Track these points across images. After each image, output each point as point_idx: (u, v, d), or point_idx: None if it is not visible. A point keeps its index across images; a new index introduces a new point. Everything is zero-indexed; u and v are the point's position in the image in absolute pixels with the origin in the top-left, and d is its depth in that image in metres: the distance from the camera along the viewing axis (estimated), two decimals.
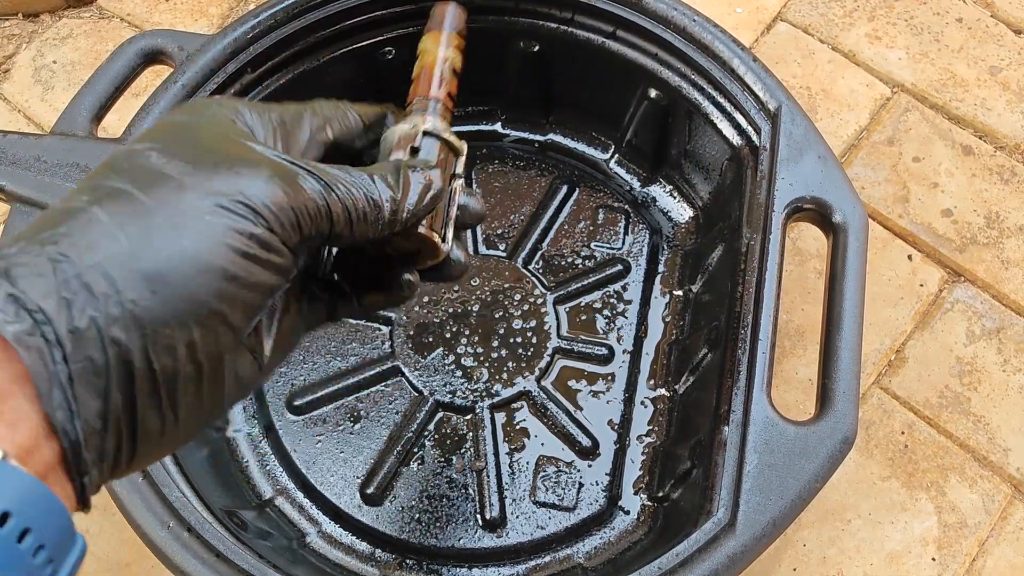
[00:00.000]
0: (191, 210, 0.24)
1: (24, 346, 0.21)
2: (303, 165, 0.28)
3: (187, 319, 0.24)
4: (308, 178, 0.27)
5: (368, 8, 0.60)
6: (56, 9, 0.85)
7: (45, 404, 0.21)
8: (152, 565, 0.59)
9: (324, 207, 0.27)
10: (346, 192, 0.28)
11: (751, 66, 0.54)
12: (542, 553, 0.55)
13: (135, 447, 0.24)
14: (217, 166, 0.26)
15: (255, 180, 0.26)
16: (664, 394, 0.59)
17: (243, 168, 0.26)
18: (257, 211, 0.25)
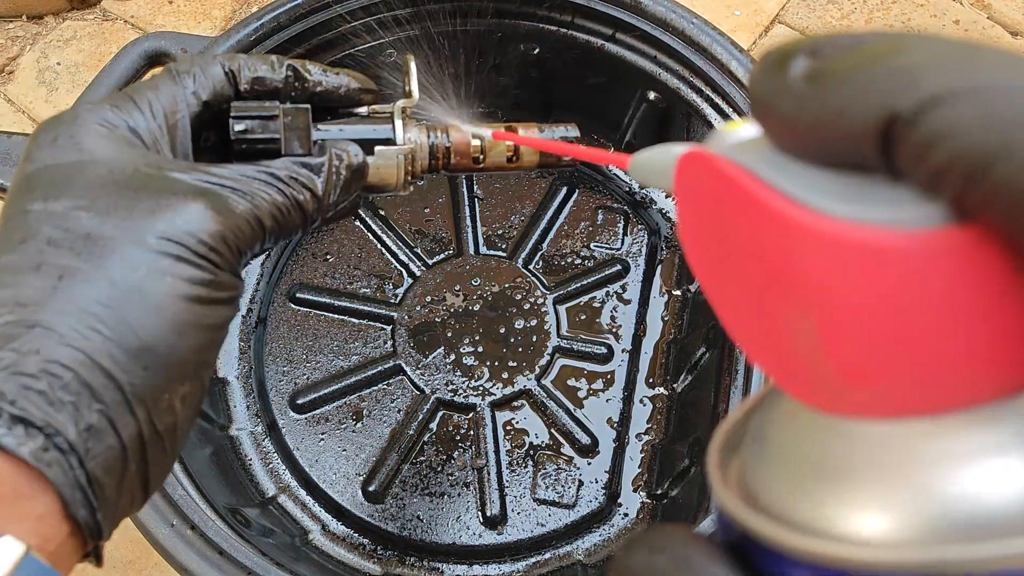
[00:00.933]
0: (148, 273, 0.24)
1: (43, 462, 0.22)
2: (225, 183, 0.27)
3: (179, 379, 0.25)
4: (233, 196, 0.27)
5: (370, 11, 0.60)
6: (60, 11, 0.85)
7: (70, 509, 0.22)
8: (156, 563, 0.59)
9: (256, 222, 0.27)
10: (270, 200, 0.28)
11: (749, 68, 0.55)
12: (542, 550, 0.55)
13: (146, 493, 0.25)
14: (153, 213, 0.25)
15: (194, 222, 0.25)
16: (663, 393, 0.59)
17: (177, 210, 0.25)
18: (206, 256, 0.25)
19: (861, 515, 0.14)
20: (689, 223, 0.16)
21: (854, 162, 0.13)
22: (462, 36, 0.64)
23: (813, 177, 0.14)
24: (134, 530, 0.44)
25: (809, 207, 0.13)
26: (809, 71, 0.14)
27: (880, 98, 0.13)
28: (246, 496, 0.55)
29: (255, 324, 0.62)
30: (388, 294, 0.63)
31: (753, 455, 0.16)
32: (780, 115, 0.14)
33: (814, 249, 0.13)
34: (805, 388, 0.15)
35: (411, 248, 0.65)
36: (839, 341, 0.14)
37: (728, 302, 0.16)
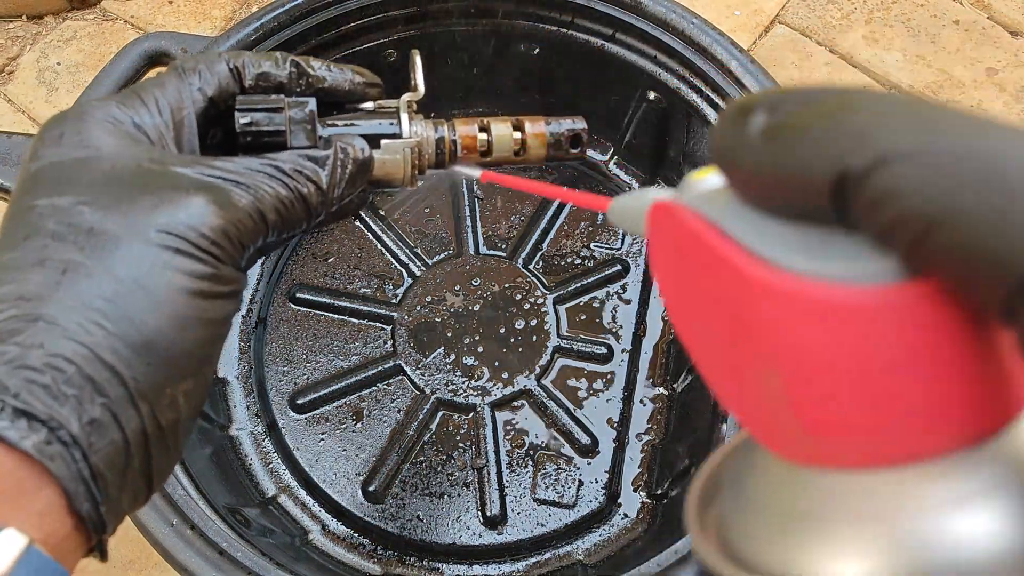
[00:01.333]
0: (150, 268, 0.24)
1: (46, 456, 0.22)
2: (228, 176, 0.27)
3: (181, 374, 0.25)
4: (236, 190, 0.27)
5: (370, 11, 0.60)
6: (60, 11, 0.85)
7: (74, 503, 0.22)
8: (156, 563, 0.59)
9: (258, 216, 0.27)
10: (274, 193, 0.28)
11: (749, 68, 0.55)
12: (542, 550, 0.55)
13: (150, 489, 0.25)
14: (155, 208, 0.25)
15: (196, 216, 0.25)
16: (663, 392, 0.59)
17: (178, 204, 0.25)
18: (207, 250, 0.25)
19: (835, 564, 0.14)
20: (661, 271, 0.17)
21: (812, 215, 0.14)
22: (462, 36, 0.64)
23: (773, 229, 0.14)
24: (134, 530, 0.44)
25: (768, 262, 0.14)
26: (766, 126, 0.14)
27: (832, 155, 0.13)
28: (246, 496, 0.55)
29: (255, 324, 0.62)
30: (388, 294, 0.63)
31: (730, 504, 0.16)
32: (741, 169, 0.14)
33: (773, 304, 0.14)
34: (774, 439, 0.15)
35: (411, 248, 0.65)
36: (802, 394, 0.14)
37: (699, 349, 0.16)
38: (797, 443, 0.14)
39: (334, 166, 0.30)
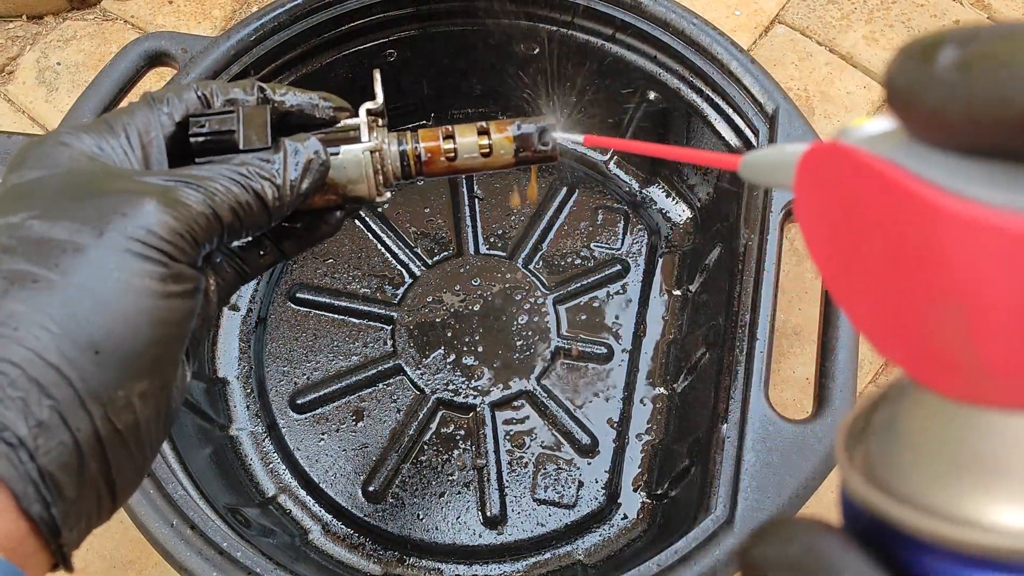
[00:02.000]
0: (98, 271, 0.24)
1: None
2: (178, 178, 0.27)
3: (134, 375, 0.24)
4: (187, 190, 0.27)
5: (370, 11, 0.60)
6: (60, 11, 0.85)
7: (23, 503, 0.22)
8: (156, 563, 0.59)
9: (211, 214, 0.27)
10: (226, 191, 0.28)
11: (749, 68, 0.55)
12: (542, 550, 0.55)
13: (115, 497, 0.25)
14: (102, 215, 0.25)
15: (143, 215, 0.25)
16: (663, 393, 0.59)
17: (127, 207, 0.25)
18: (158, 248, 0.25)
19: (1007, 506, 0.14)
20: (815, 219, 0.16)
21: (1005, 151, 0.13)
22: (462, 36, 0.64)
23: (959, 166, 0.14)
24: (134, 530, 0.44)
25: (958, 195, 0.13)
26: (961, 59, 0.13)
27: None
28: (246, 496, 0.55)
29: (255, 324, 0.62)
30: (388, 294, 0.63)
31: (885, 447, 0.16)
32: (926, 106, 0.14)
33: (964, 237, 0.13)
34: (950, 380, 0.15)
35: (411, 248, 0.65)
36: (989, 331, 0.13)
37: (859, 297, 0.16)
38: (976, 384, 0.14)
39: (285, 163, 0.30)
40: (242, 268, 0.34)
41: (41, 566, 0.24)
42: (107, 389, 0.24)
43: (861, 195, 0.15)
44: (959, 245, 0.13)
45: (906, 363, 0.15)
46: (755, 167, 0.21)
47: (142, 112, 0.30)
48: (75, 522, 0.24)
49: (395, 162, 0.35)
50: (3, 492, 0.22)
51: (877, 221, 0.14)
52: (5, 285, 0.24)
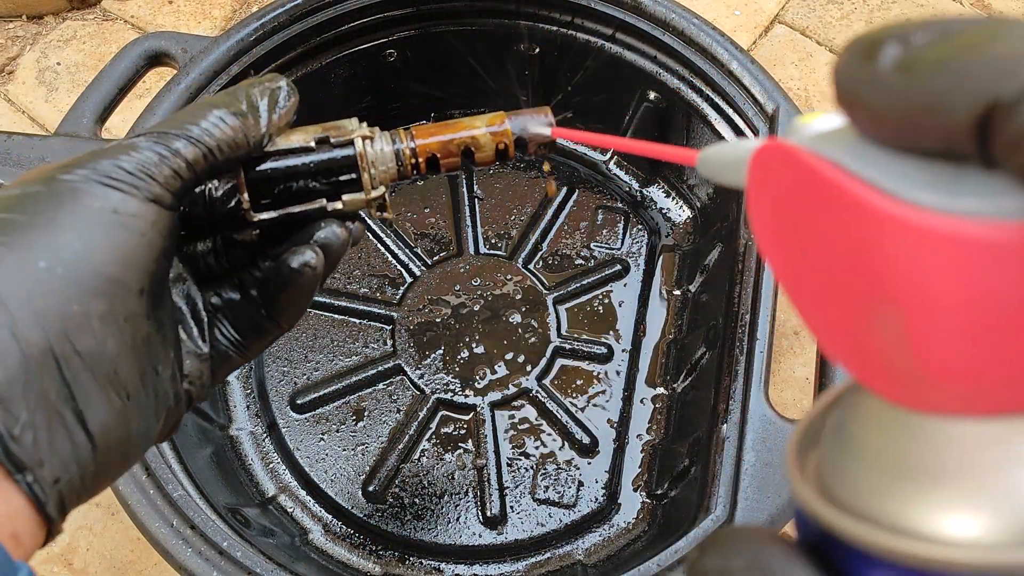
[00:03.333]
0: (57, 204, 0.25)
1: None
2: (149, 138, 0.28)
3: (88, 293, 0.24)
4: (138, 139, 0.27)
5: (370, 11, 0.60)
6: (60, 11, 0.85)
7: None
8: (156, 563, 0.59)
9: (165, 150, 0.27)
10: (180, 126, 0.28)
11: (749, 68, 0.55)
12: (542, 550, 0.55)
13: (92, 438, 0.24)
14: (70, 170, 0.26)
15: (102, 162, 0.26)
16: (663, 393, 0.59)
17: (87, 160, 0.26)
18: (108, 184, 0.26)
19: (950, 516, 0.13)
20: (764, 217, 0.16)
21: (946, 151, 0.13)
22: (462, 36, 0.64)
23: (902, 167, 0.13)
24: (134, 530, 0.44)
25: (898, 197, 0.13)
26: (901, 60, 0.13)
27: (979, 86, 0.12)
28: (246, 496, 0.55)
29: None
30: (388, 294, 0.63)
31: (832, 453, 0.16)
32: (869, 105, 0.14)
33: (904, 240, 0.13)
34: (890, 384, 0.14)
35: (411, 248, 0.65)
36: (928, 336, 0.13)
37: (807, 297, 0.16)
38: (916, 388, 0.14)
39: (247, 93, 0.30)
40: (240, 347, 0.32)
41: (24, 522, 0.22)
42: (58, 303, 0.23)
43: (805, 195, 0.15)
44: (895, 248, 0.13)
45: (851, 366, 0.15)
46: (712, 164, 0.20)
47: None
48: (43, 453, 0.22)
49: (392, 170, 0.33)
50: None
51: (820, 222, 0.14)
52: None
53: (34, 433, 0.22)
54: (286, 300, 0.32)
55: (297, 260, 0.31)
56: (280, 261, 0.32)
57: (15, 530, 0.22)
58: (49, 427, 0.22)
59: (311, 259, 0.32)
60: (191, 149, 0.28)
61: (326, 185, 0.32)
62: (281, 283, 0.32)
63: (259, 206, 0.31)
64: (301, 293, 0.32)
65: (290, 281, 0.32)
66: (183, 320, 0.30)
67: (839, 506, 0.15)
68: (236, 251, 0.33)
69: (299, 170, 0.31)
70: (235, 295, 0.32)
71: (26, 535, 0.22)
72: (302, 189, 0.32)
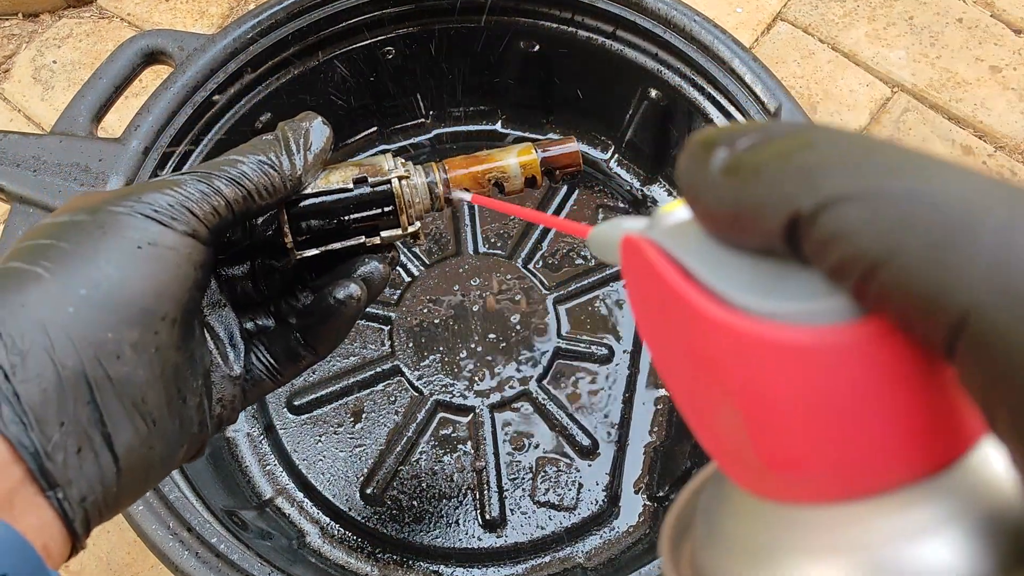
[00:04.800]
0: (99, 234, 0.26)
1: None
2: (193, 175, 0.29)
3: (123, 321, 0.25)
4: (185, 176, 0.29)
5: (368, 8, 0.60)
6: (56, 9, 0.85)
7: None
8: (152, 565, 0.59)
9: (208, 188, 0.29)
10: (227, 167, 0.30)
11: (751, 66, 0.54)
12: (542, 553, 0.55)
13: (117, 461, 0.25)
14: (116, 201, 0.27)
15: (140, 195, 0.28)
16: (664, 394, 0.59)
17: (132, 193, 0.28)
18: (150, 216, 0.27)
19: None
20: (634, 301, 0.17)
21: (770, 250, 0.14)
22: (462, 34, 0.63)
23: (734, 265, 0.14)
24: (131, 533, 0.44)
25: (726, 301, 0.14)
26: (726, 164, 0.14)
27: (784, 196, 0.13)
28: (243, 498, 0.54)
29: None
30: (386, 294, 0.62)
31: (701, 537, 0.17)
32: (702, 203, 0.15)
33: (729, 344, 0.14)
34: (739, 472, 0.15)
35: (410, 248, 0.64)
36: (761, 431, 0.14)
37: (671, 380, 0.17)
38: (759, 478, 0.15)
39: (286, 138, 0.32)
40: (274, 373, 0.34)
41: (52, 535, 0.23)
42: (94, 330, 0.24)
43: (653, 290, 0.16)
44: (725, 351, 0.14)
45: (711, 452, 0.16)
46: (597, 243, 0.21)
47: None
48: (73, 473, 0.23)
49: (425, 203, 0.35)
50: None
51: (669, 318, 0.15)
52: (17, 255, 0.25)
53: (65, 453, 0.23)
54: (326, 331, 0.34)
55: (343, 292, 0.33)
56: (324, 293, 0.33)
57: (46, 543, 0.23)
58: (79, 448, 0.24)
59: (355, 292, 0.33)
60: (231, 189, 0.29)
61: (365, 223, 0.34)
62: (324, 314, 0.33)
63: (301, 243, 0.33)
64: (342, 324, 0.34)
65: (333, 312, 0.33)
66: (219, 344, 0.32)
67: None
68: (274, 279, 0.35)
69: (339, 210, 0.33)
70: (270, 322, 0.34)
71: (55, 548, 0.23)
72: (342, 226, 0.34)
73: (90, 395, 0.24)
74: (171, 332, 0.27)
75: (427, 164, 0.36)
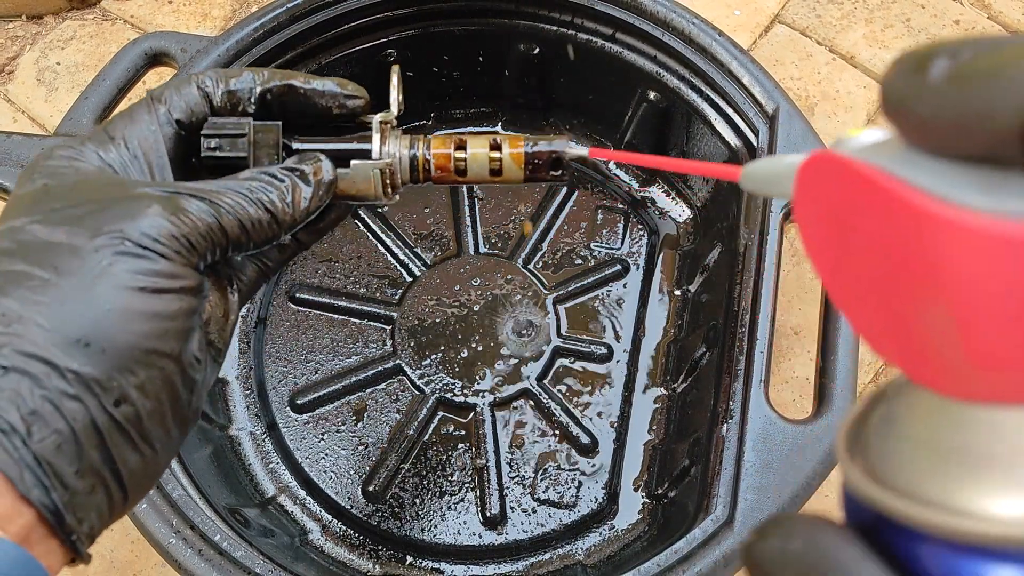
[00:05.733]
0: (91, 268, 0.25)
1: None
2: (183, 189, 0.28)
3: (127, 366, 0.25)
4: (191, 199, 0.28)
5: (370, 11, 0.60)
6: (59, 11, 0.85)
7: (20, 487, 0.23)
8: (155, 563, 0.59)
9: (215, 224, 0.28)
10: (233, 204, 0.28)
11: (749, 68, 0.55)
12: (542, 550, 0.55)
13: (125, 488, 0.26)
14: (100, 217, 0.26)
15: (140, 219, 0.26)
16: (663, 393, 0.59)
17: (125, 211, 0.26)
18: (150, 248, 0.26)
19: (999, 496, 0.14)
20: (813, 226, 0.17)
21: (993, 158, 0.14)
22: (462, 36, 0.64)
23: (950, 173, 0.14)
24: (134, 530, 0.44)
25: (948, 201, 0.14)
26: (951, 71, 0.14)
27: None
28: (246, 496, 0.55)
29: (255, 324, 0.62)
30: (388, 294, 0.63)
31: (883, 442, 0.17)
32: (918, 115, 0.14)
33: (954, 241, 0.14)
34: (941, 377, 0.15)
35: (411, 248, 0.65)
36: (977, 328, 0.14)
37: (856, 301, 0.16)
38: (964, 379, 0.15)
39: (293, 188, 0.31)
40: (263, 264, 0.34)
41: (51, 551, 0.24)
42: (101, 378, 0.24)
43: (856, 202, 0.15)
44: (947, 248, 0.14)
45: (902, 362, 0.16)
46: (756, 178, 0.21)
47: (141, 117, 0.30)
48: (83, 513, 0.24)
49: (405, 171, 0.34)
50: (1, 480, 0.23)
51: (871, 227, 0.15)
52: (1, 283, 0.25)
53: (81, 499, 0.24)
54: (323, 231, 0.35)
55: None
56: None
57: (51, 564, 0.24)
58: (92, 491, 0.24)
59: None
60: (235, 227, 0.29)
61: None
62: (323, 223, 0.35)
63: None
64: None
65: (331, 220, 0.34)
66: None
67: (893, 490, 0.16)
68: None
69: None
70: None
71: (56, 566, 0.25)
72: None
73: (99, 439, 0.24)
74: (175, 367, 0.27)
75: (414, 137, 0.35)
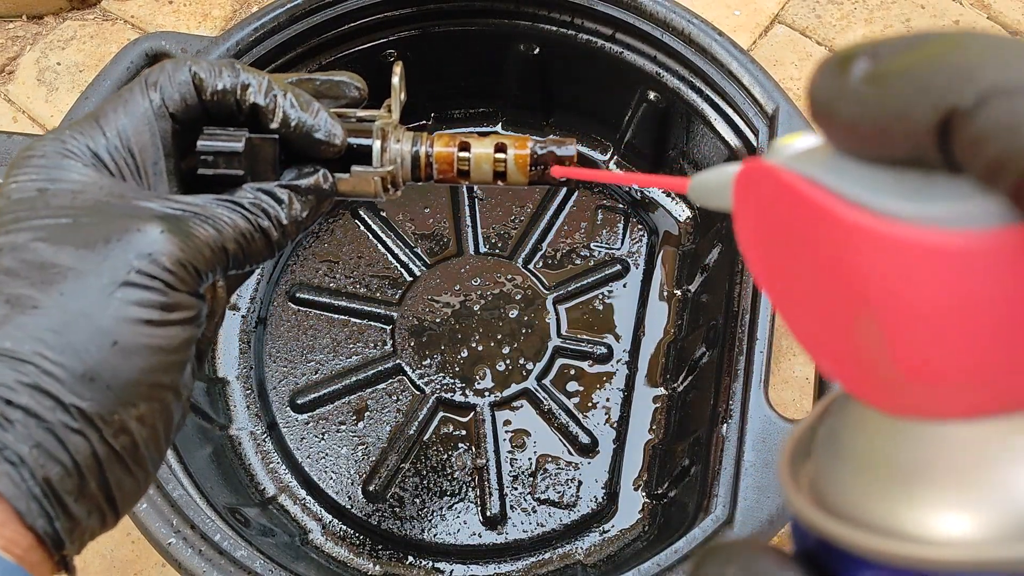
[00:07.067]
0: (97, 297, 0.25)
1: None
2: (187, 209, 0.28)
3: (130, 400, 0.25)
4: (194, 220, 0.27)
5: (370, 11, 0.60)
6: (60, 11, 0.85)
7: (27, 519, 0.23)
8: (156, 563, 0.59)
9: (219, 247, 0.28)
10: (233, 225, 0.28)
11: (749, 68, 0.55)
12: (542, 550, 0.55)
13: (117, 510, 0.26)
14: (107, 240, 0.25)
15: (148, 245, 0.26)
16: (663, 393, 0.59)
17: (132, 234, 0.26)
18: (159, 278, 0.25)
19: (939, 515, 0.14)
20: (749, 236, 0.17)
21: (915, 159, 0.14)
22: (462, 36, 0.64)
23: (874, 178, 0.14)
24: (134, 530, 0.44)
25: (870, 209, 0.14)
26: (869, 73, 0.14)
27: (939, 93, 0.13)
28: (246, 496, 0.55)
29: (255, 324, 0.62)
30: (388, 294, 0.63)
31: (824, 461, 0.16)
32: (841, 117, 0.14)
33: (876, 251, 0.13)
34: (873, 391, 0.15)
35: (411, 248, 0.65)
36: (904, 342, 0.14)
37: (793, 310, 0.16)
38: (897, 393, 0.14)
39: (291, 203, 0.30)
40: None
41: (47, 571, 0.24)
42: (103, 414, 0.24)
43: (785, 213, 0.15)
44: (870, 258, 0.14)
45: (839, 375, 0.16)
46: (701, 190, 0.21)
47: (135, 108, 0.29)
48: (79, 535, 0.25)
49: (406, 169, 0.34)
50: (5, 506, 0.23)
51: (801, 237, 0.15)
52: (6, 310, 0.24)
53: (80, 526, 0.24)
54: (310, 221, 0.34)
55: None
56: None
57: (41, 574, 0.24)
58: (88, 515, 0.25)
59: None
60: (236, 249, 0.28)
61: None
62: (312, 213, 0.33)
63: None
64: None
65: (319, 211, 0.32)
66: None
67: (832, 512, 0.15)
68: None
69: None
70: None
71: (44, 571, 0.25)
72: None
73: (99, 469, 0.25)
74: (175, 393, 0.27)
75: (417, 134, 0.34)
